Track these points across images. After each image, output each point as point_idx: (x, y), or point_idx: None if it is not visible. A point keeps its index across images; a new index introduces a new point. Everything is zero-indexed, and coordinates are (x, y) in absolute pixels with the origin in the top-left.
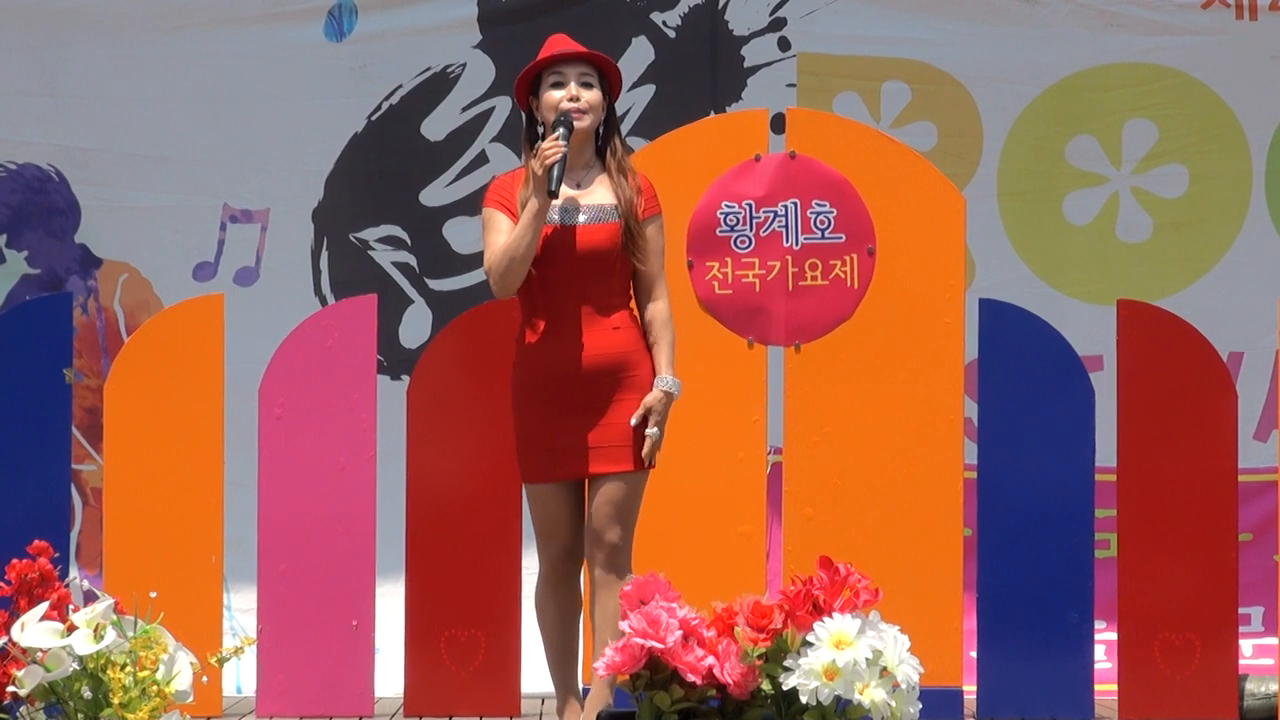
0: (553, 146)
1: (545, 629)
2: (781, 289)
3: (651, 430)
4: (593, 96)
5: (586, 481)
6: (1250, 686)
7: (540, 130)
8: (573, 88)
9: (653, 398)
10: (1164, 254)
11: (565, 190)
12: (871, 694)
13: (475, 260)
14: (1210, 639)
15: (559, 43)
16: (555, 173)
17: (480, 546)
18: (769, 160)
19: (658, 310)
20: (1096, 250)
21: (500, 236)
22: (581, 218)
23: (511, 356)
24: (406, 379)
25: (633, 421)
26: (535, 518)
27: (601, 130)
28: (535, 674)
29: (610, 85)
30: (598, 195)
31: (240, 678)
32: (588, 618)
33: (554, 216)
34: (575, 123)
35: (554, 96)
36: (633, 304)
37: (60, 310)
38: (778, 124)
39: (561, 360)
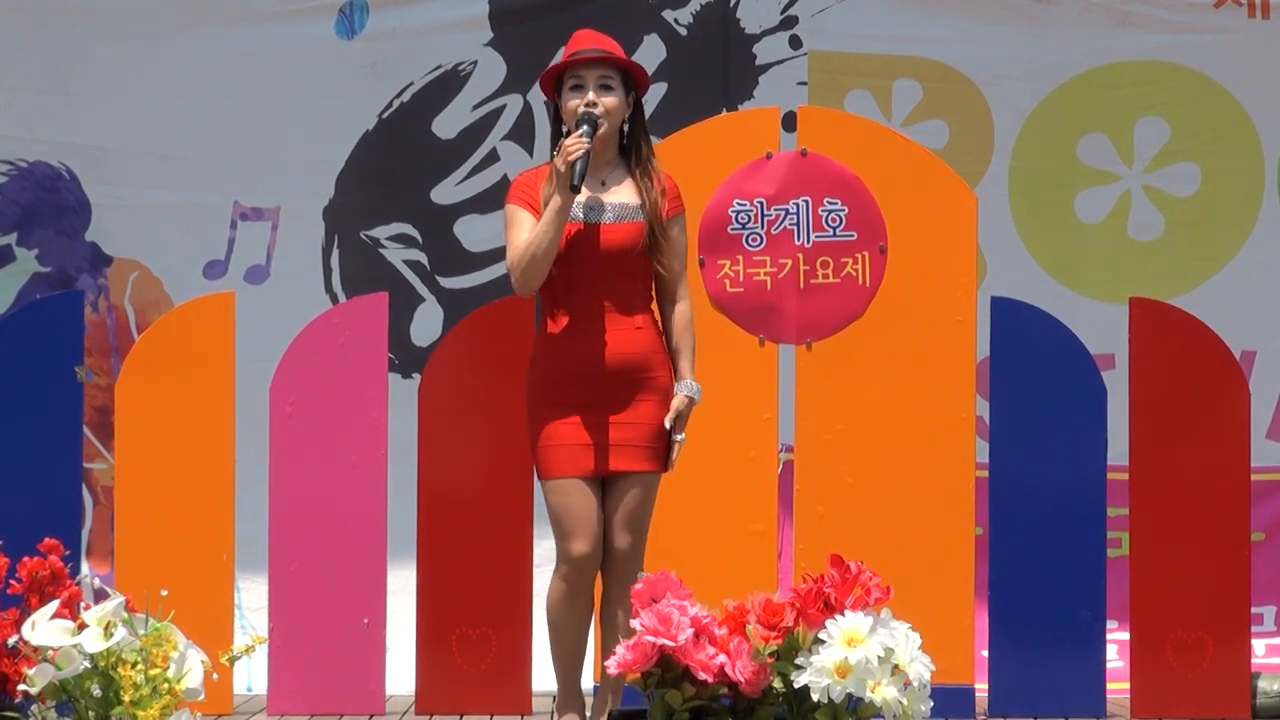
0: (576, 143)
1: (555, 631)
2: (793, 287)
3: (679, 437)
4: (610, 101)
5: (604, 482)
6: (1262, 685)
7: (564, 129)
8: (590, 93)
9: (679, 403)
10: (1176, 252)
11: (590, 189)
12: (883, 692)
13: (486, 258)
14: (1222, 638)
15: (583, 40)
16: (578, 168)
17: (492, 544)
18: (780, 158)
19: (680, 313)
20: (1108, 248)
21: (522, 233)
22: (606, 216)
23: (526, 353)
24: (418, 377)
25: (667, 424)
26: (555, 516)
27: (627, 129)
28: (547, 672)
29: (636, 84)
30: (622, 194)
31: (251, 676)
32: (598, 620)
33: (579, 214)
34: (600, 122)
35: (572, 103)
36: (653, 305)
37: (71, 308)
38: (789, 122)
39: (583, 358)
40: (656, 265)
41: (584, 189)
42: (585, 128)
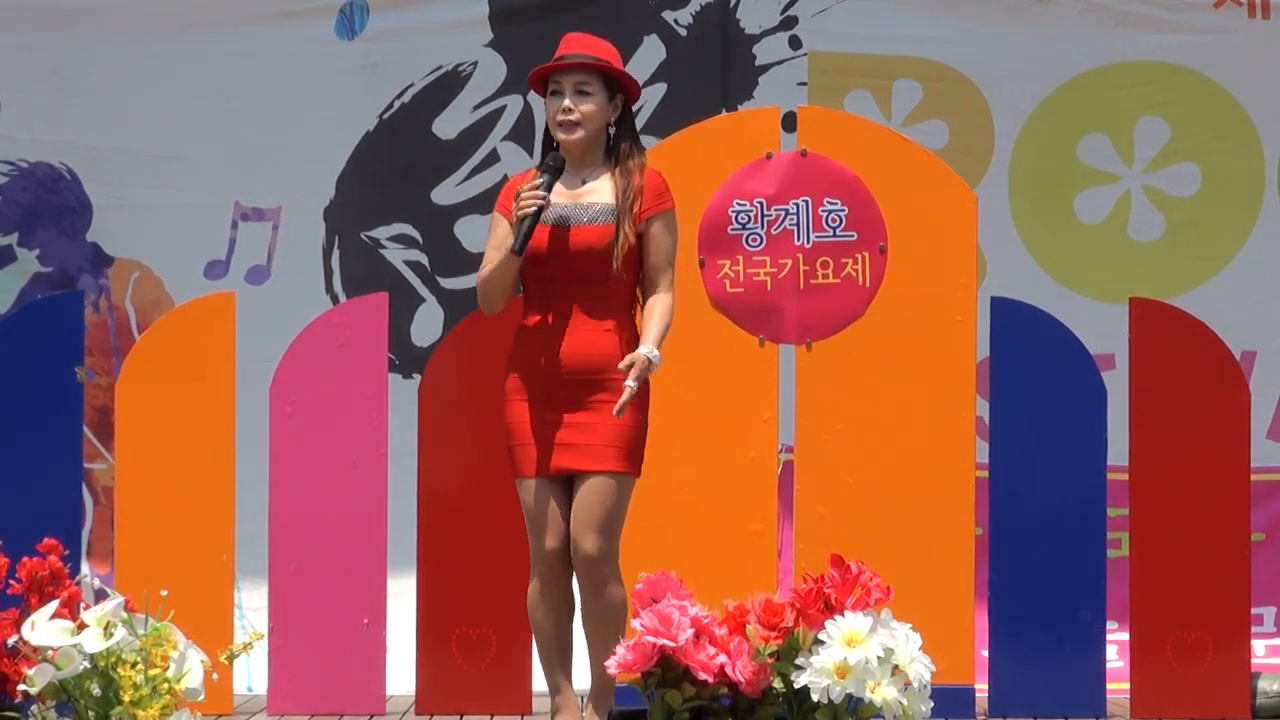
0: (530, 198)
1: (537, 629)
2: (793, 287)
3: (630, 383)
4: (588, 107)
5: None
6: (1262, 685)
7: (551, 136)
8: (566, 99)
9: (635, 355)
10: (1176, 253)
11: (570, 189)
12: (883, 692)
13: None
14: (1222, 638)
15: (570, 44)
16: (525, 227)
17: (491, 544)
18: (780, 158)
19: (658, 299)
20: (1108, 249)
21: (494, 252)
22: (581, 217)
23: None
24: (418, 377)
25: (621, 366)
26: (526, 515)
27: (614, 130)
28: None
29: (623, 87)
30: (601, 195)
31: (251, 676)
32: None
33: (554, 215)
34: (564, 164)
35: (550, 107)
36: (634, 309)
37: (71, 309)
38: (789, 122)
39: (550, 358)
40: (615, 264)
41: (565, 188)
42: (545, 178)
